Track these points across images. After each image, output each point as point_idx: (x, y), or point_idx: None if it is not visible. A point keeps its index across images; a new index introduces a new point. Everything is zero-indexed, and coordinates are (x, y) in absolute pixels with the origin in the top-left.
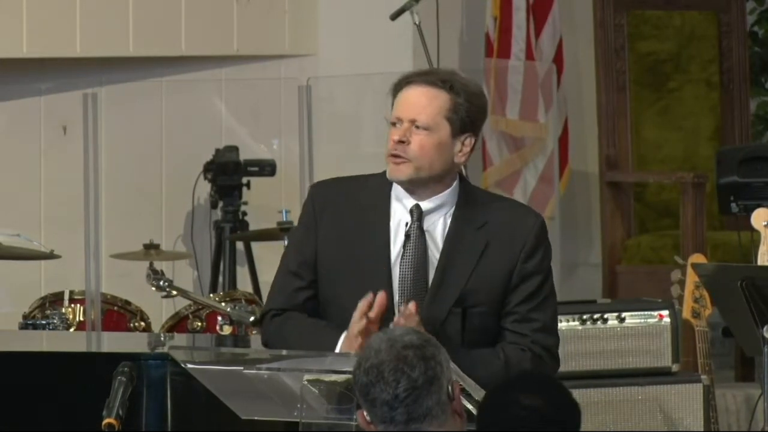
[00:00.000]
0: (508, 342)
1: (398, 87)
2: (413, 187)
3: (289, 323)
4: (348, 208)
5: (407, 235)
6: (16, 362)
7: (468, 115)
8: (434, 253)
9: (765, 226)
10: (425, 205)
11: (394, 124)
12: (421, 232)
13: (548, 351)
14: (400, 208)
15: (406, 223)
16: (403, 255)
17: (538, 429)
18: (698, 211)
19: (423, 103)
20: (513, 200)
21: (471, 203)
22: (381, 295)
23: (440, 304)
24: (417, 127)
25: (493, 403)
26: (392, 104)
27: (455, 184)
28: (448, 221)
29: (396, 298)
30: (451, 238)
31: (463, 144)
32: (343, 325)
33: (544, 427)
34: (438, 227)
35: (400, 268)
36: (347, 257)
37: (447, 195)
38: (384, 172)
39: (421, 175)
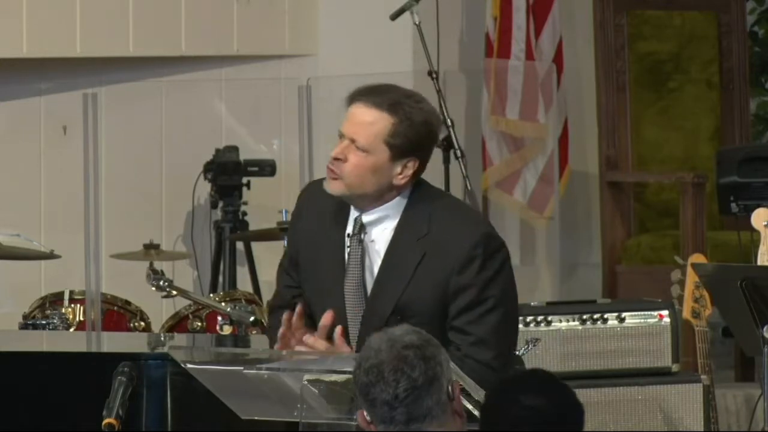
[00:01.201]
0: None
1: (350, 100)
2: (350, 200)
3: (270, 321)
4: (321, 212)
5: (349, 247)
6: (16, 362)
7: (411, 141)
8: (378, 264)
9: (765, 226)
10: (366, 217)
11: (341, 136)
12: (360, 243)
13: (483, 365)
14: (352, 219)
15: (348, 234)
16: (347, 265)
17: (539, 429)
18: (698, 211)
19: (364, 124)
20: (463, 211)
21: (418, 214)
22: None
23: (377, 313)
24: (356, 147)
25: (495, 403)
26: None
27: (402, 195)
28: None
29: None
30: (390, 249)
31: (404, 167)
32: (311, 326)
33: (546, 428)
34: (383, 237)
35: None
36: (313, 261)
37: (390, 207)
38: None
39: (354, 193)
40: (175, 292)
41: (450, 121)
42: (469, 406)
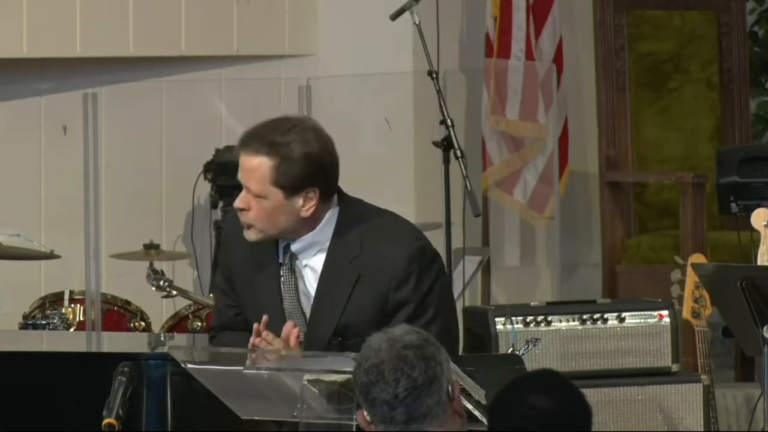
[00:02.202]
0: None
1: (238, 146)
2: (274, 238)
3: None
4: (249, 242)
5: (282, 276)
6: (16, 362)
7: (297, 177)
8: (314, 287)
9: (765, 226)
10: (295, 246)
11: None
12: (291, 272)
13: None
14: (281, 248)
15: (280, 264)
16: (282, 293)
17: (547, 430)
18: (698, 211)
19: (251, 171)
20: (393, 226)
21: (348, 234)
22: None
23: (318, 338)
24: (252, 195)
25: (504, 403)
26: None
27: (327, 217)
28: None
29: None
30: (324, 273)
31: (305, 199)
32: None
33: (553, 428)
34: (317, 260)
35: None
36: (249, 290)
37: (317, 233)
38: None
39: (271, 234)
40: (175, 292)
41: (450, 121)
42: (469, 406)
